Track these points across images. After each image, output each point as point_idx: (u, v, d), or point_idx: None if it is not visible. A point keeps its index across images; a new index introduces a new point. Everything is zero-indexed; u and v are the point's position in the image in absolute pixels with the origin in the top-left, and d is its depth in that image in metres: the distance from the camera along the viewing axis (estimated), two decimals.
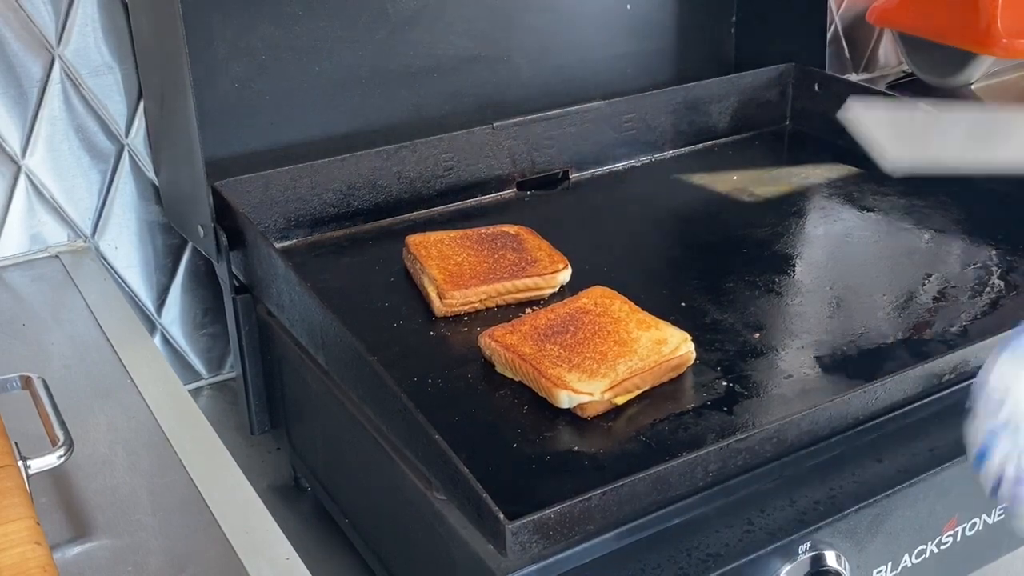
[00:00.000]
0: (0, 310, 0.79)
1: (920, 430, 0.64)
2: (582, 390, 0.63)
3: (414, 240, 0.78)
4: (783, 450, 0.58)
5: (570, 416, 0.63)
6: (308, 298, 0.66)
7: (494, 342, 0.67)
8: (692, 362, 0.67)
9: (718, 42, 1.09)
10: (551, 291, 0.75)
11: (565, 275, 0.76)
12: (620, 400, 0.64)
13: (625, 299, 0.71)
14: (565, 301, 0.72)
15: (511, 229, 0.81)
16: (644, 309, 0.71)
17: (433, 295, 0.73)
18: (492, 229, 0.81)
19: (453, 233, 0.79)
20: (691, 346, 0.67)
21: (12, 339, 0.76)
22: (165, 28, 0.75)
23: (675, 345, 0.66)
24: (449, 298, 0.72)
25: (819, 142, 1.01)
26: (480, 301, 0.73)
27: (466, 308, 0.73)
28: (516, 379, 0.66)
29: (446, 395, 0.65)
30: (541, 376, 0.64)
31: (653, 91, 0.99)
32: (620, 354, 0.66)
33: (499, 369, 0.67)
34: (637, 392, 0.65)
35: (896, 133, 0.72)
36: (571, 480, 0.58)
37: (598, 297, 0.72)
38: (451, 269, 0.74)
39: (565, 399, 0.62)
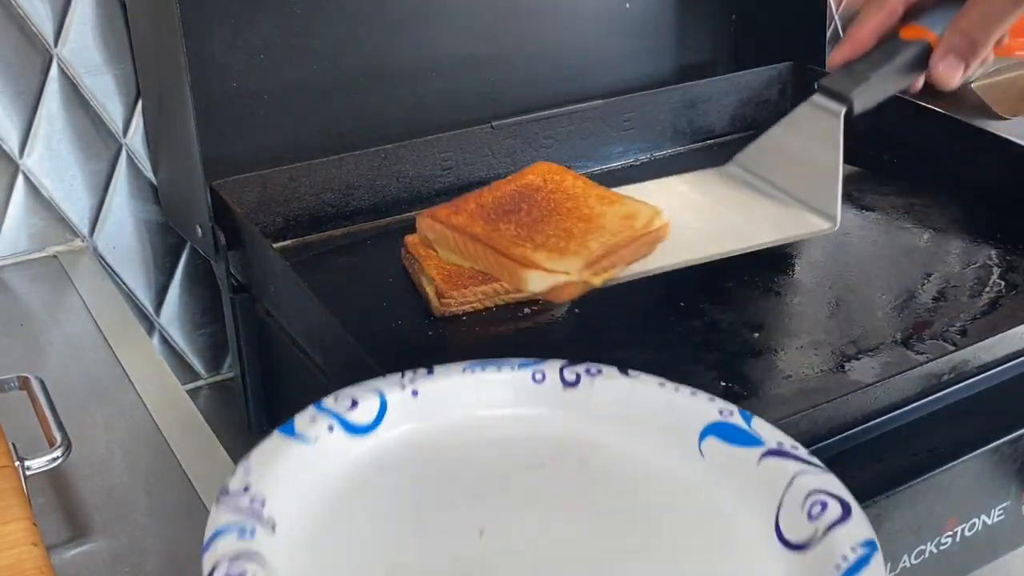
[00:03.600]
0: None
1: (920, 430, 0.64)
2: (556, 268, 0.56)
3: (412, 240, 0.77)
4: None
5: None
6: (306, 298, 0.65)
7: (438, 223, 0.60)
8: (667, 237, 0.60)
9: (718, 41, 1.09)
10: None
11: None
12: (597, 281, 0.57)
13: (577, 174, 0.65)
14: (509, 178, 0.65)
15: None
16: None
17: (431, 295, 0.72)
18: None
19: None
20: (664, 218, 0.60)
21: (9, 339, 0.75)
22: (163, 27, 0.74)
23: (647, 219, 0.60)
24: (447, 298, 0.72)
25: None
26: (479, 301, 0.73)
27: (465, 308, 0.73)
28: (466, 266, 0.59)
29: None
30: (503, 257, 0.57)
31: (652, 90, 0.98)
32: (587, 230, 0.59)
33: (443, 256, 0.60)
34: (613, 272, 0.58)
35: None
36: None
37: (545, 173, 0.65)
38: (449, 269, 0.74)
39: (536, 281, 0.55)
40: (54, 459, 0.57)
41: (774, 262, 0.80)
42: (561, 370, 0.57)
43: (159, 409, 0.68)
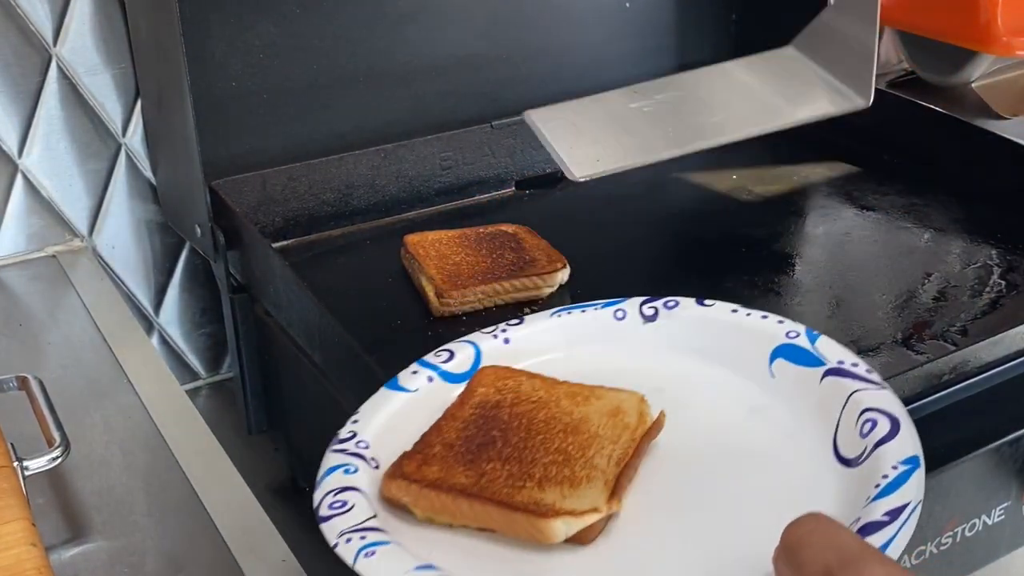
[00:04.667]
0: None
1: (920, 430, 0.64)
2: (581, 508, 0.47)
3: (412, 240, 0.77)
4: None
5: None
6: (306, 297, 0.65)
7: (412, 484, 0.49)
8: (663, 426, 0.53)
9: (718, 40, 1.09)
10: (549, 290, 0.75)
11: (564, 275, 0.75)
12: (619, 507, 0.49)
13: (525, 371, 0.58)
14: (459, 398, 0.56)
15: (509, 228, 0.80)
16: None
17: (431, 295, 0.72)
18: (490, 228, 0.80)
19: (451, 232, 0.79)
20: (649, 406, 0.54)
21: (9, 339, 0.75)
22: (162, 27, 0.74)
23: (636, 413, 0.54)
24: (447, 298, 0.71)
25: (819, 141, 1.01)
26: (478, 301, 0.73)
27: (464, 308, 0.73)
28: (455, 525, 0.49)
29: None
30: (512, 512, 0.47)
31: None
32: (582, 445, 0.52)
33: (422, 517, 0.49)
34: (629, 488, 0.50)
35: (578, 138, 0.70)
36: None
37: (493, 381, 0.57)
38: (449, 269, 0.74)
39: (563, 529, 0.47)
40: (53, 459, 0.57)
41: (774, 262, 0.80)
42: (640, 306, 0.62)
43: (158, 409, 0.68)
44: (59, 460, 0.57)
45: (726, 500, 0.50)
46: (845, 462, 0.51)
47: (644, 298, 0.62)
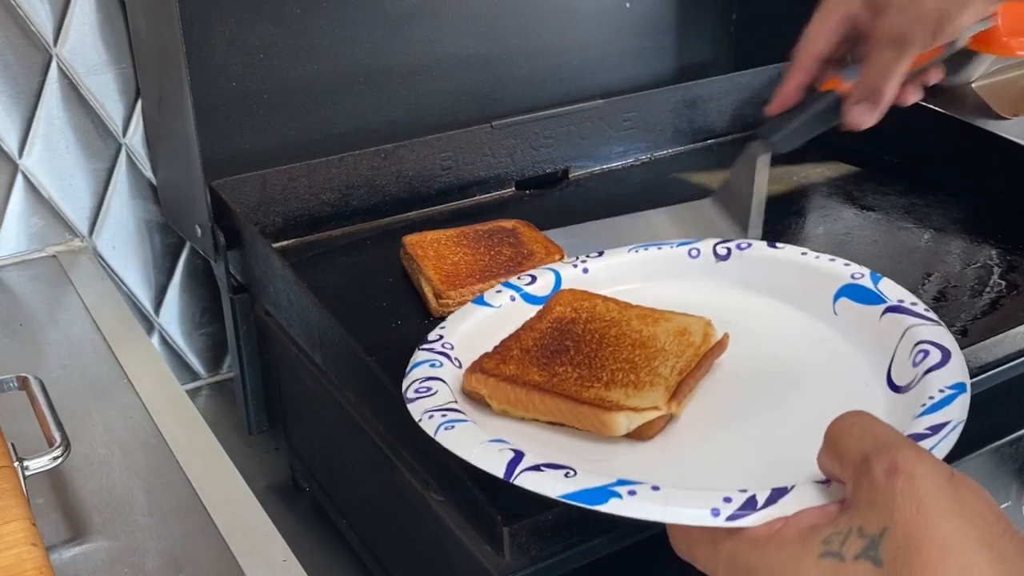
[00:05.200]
0: None
1: None
2: (642, 405, 0.52)
3: (411, 240, 0.77)
4: None
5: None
6: (305, 298, 0.65)
7: (490, 378, 0.55)
8: (727, 347, 0.59)
9: (718, 41, 1.09)
10: None
11: None
12: (679, 411, 0.54)
13: (601, 295, 0.63)
14: (537, 314, 0.62)
15: (508, 224, 0.80)
16: None
17: (430, 295, 0.72)
18: (489, 225, 0.80)
19: (450, 231, 0.79)
20: (714, 328, 0.59)
21: (9, 339, 0.75)
22: (163, 27, 0.74)
23: (702, 333, 0.58)
24: (445, 298, 0.71)
25: (819, 141, 1.01)
26: None
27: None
28: (527, 418, 0.55)
29: None
30: (578, 403, 0.53)
31: (652, 90, 0.98)
32: (649, 356, 0.57)
33: (497, 408, 0.55)
34: (689, 396, 0.55)
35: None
36: None
37: (572, 301, 0.62)
38: (447, 268, 0.74)
39: (624, 423, 0.52)
40: (53, 459, 0.57)
41: None
42: (714, 246, 0.67)
43: (158, 409, 0.68)
44: (59, 460, 0.57)
45: (780, 414, 0.55)
46: (896, 389, 0.55)
47: (717, 239, 0.67)
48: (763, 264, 0.65)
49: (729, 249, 0.66)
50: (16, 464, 0.55)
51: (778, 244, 0.66)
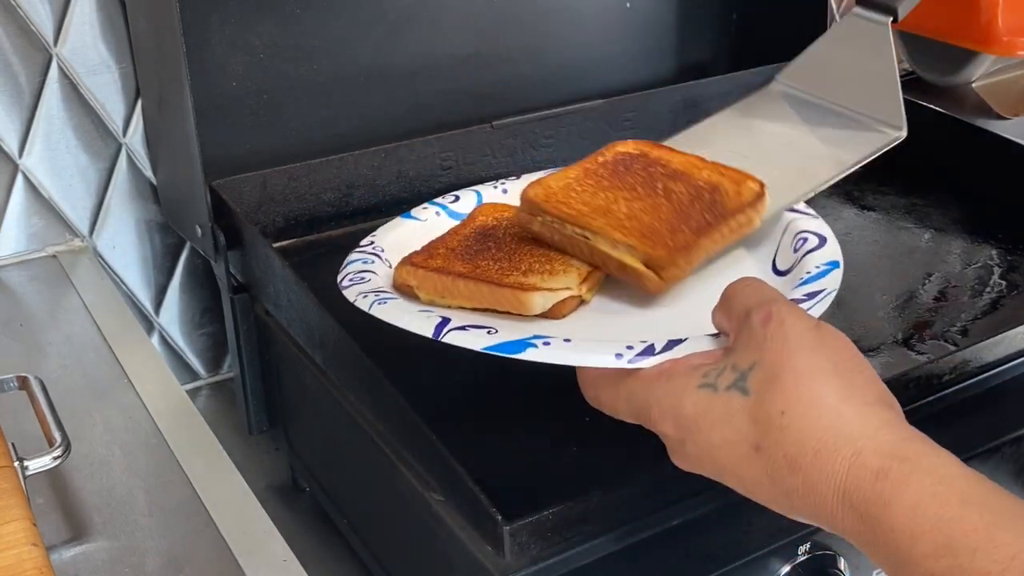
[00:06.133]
0: None
1: (920, 430, 0.64)
2: (556, 286, 0.58)
3: (536, 195, 0.63)
4: None
5: (570, 416, 0.62)
6: (306, 297, 0.65)
7: (418, 268, 0.60)
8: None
9: (718, 41, 1.09)
10: (760, 221, 0.65)
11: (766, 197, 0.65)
12: (589, 296, 0.60)
13: (514, 206, 0.66)
14: (462, 222, 0.68)
15: (623, 147, 0.70)
16: None
17: (641, 269, 0.59)
18: (601, 155, 0.69)
19: (572, 172, 0.67)
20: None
21: (9, 339, 0.75)
22: (163, 27, 0.74)
23: None
24: (673, 267, 0.58)
25: None
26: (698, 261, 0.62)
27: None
28: (452, 306, 0.59)
29: (444, 395, 0.65)
30: (498, 287, 0.58)
31: (653, 89, 0.98)
32: (561, 255, 0.61)
33: (425, 298, 0.60)
34: (598, 282, 0.61)
35: None
36: (570, 481, 0.57)
37: (492, 212, 0.68)
38: (635, 227, 0.60)
39: (540, 301, 0.57)
40: (53, 459, 0.57)
41: None
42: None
43: (159, 409, 0.68)
44: (59, 460, 0.57)
45: (677, 301, 0.61)
46: (780, 273, 0.62)
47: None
48: None
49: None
50: (16, 464, 0.55)
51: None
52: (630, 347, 0.51)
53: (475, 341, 0.53)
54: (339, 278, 0.63)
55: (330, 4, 0.86)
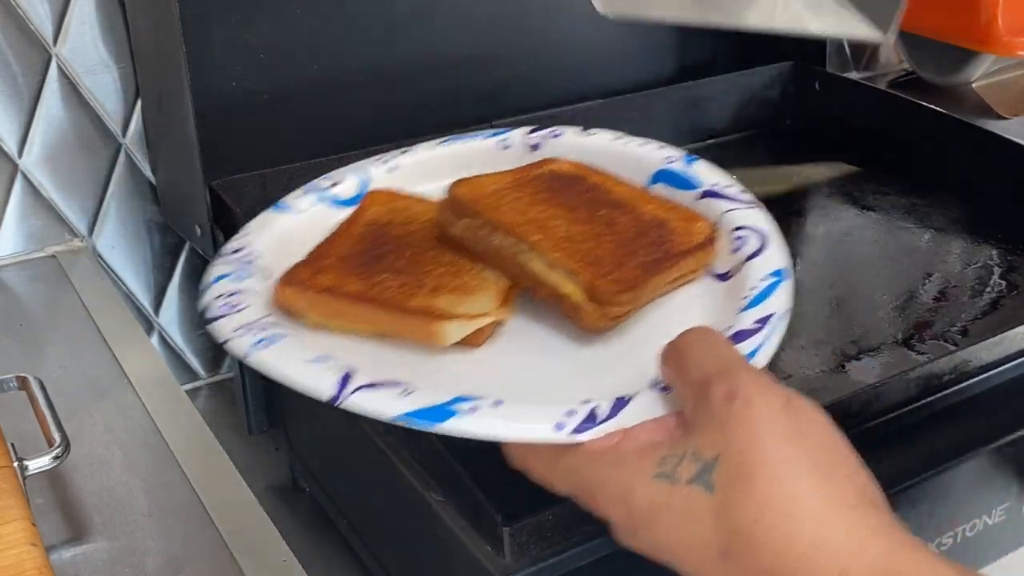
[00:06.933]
0: None
1: (920, 430, 0.64)
2: (472, 312, 0.49)
3: (464, 193, 0.55)
4: None
5: None
6: None
7: (305, 290, 0.50)
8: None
9: (718, 41, 1.08)
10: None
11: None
12: (507, 316, 0.51)
13: (416, 196, 0.59)
14: (350, 217, 0.58)
15: (559, 166, 0.62)
16: None
17: (579, 302, 0.51)
18: (537, 168, 0.62)
19: (500, 178, 0.60)
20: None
21: (8, 339, 0.75)
22: (162, 26, 0.74)
23: None
24: (615, 304, 0.51)
25: (819, 141, 1.01)
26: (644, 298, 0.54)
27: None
28: (350, 331, 0.50)
29: None
30: (406, 315, 0.48)
31: (652, 90, 0.98)
32: (473, 264, 0.53)
33: (313, 323, 0.50)
34: (513, 303, 0.52)
35: None
36: None
37: (385, 203, 0.58)
38: (577, 251, 0.52)
39: (455, 331, 0.48)
40: (53, 459, 0.57)
41: None
42: (527, 134, 0.65)
43: (158, 409, 0.68)
44: (59, 460, 0.57)
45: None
46: (720, 276, 0.54)
47: (529, 127, 0.66)
48: (575, 152, 0.63)
49: (541, 139, 0.65)
50: (16, 464, 0.55)
51: (592, 130, 0.65)
52: (571, 412, 0.44)
53: (387, 405, 0.44)
54: (203, 304, 0.50)
55: (330, 5, 0.86)
